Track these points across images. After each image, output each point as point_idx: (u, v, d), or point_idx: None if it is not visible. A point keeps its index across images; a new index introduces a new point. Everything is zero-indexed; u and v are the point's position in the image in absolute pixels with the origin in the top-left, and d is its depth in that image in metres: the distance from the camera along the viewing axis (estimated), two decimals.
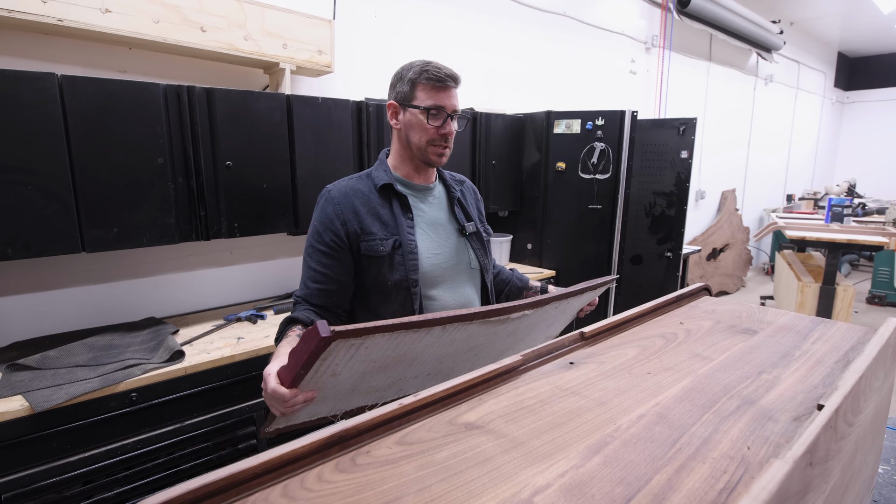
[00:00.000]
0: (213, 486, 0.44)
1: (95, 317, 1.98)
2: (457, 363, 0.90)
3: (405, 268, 1.21)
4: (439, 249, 1.28)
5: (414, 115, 1.22)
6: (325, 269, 1.20)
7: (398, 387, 0.88)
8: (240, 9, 1.92)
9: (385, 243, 1.20)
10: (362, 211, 1.22)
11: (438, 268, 1.26)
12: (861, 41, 8.02)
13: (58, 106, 1.51)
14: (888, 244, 3.93)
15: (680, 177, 3.38)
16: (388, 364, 0.78)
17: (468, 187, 1.47)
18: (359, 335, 0.66)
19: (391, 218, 1.23)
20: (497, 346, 0.95)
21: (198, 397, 1.67)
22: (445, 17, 3.03)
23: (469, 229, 1.33)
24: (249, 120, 1.91)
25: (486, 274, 1.37)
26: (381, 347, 0.72)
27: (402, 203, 1.25)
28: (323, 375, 0.75)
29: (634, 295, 3.14)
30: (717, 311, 1.03)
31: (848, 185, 7.39)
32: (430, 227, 1.29)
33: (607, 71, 4.34)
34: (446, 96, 1.21)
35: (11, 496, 1.36)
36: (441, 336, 0.78)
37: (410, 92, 1.22)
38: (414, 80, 1.21)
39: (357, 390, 0.83)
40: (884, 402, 0.83)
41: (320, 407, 0.87)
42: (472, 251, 1.34)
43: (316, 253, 1.21)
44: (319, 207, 1.25)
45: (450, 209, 1.35)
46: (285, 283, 2.52)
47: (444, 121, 1.22)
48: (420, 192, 1.31)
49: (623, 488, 0.47)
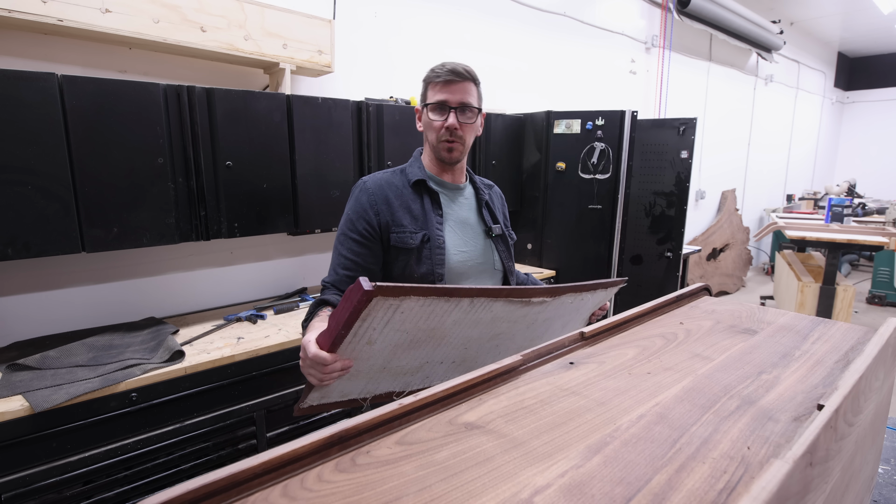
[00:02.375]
0: (213, 486, 0.44)
1: (95, 317, 1.98)
2: (479, 352, 0.94)
3: (432, 262, 1.24)
4: (466, 247, 1.31)
5: (426, 114, 1.28)
6: (356, 256, 1.24)
7: (425, 373, 0.93)
8: (240, 9, 1.92)
9: (414, 236, 1.24)
10: (395, 203, 1.26)
11: (464, 265, 1.30)
12: (861, 41, 8.02)
13: (58, 106, 1.51)
14: (888, 244, 3.93)
15: (680, 177, 3.38)
16: (420, 339, 0.83)
17: (496, 192, 1.51)
18: (397, 294, 0.71)
19: (421, 213, 1.27)
20: (517, 338, 0.99)
21: (198, 397, 1.67)
22: (445, 17, 3.03)
23: (495, 231, 1.37)
24: (249, 120, 1.91)
25: (509, 276, 1.40)
26: (414, 315, 0.77)
27: (433, 199, 1.29)
28: (360, 342, 0.79)
29: (634, 295, 3.14)
30: (717, 311, 1.03)
31: (848, 185, 7.39)
32: (458, 225, 1.32)
33: (607, 71, 4.34)
34: (449, 90, 1.24)
35: (11, 496, 1.36)
36: (469, 312, 0.83)
37: (424, 93, 1.29)
38: (426, 81, 1.28)
39: (388, 369, 0.88)
40: (884, 402, 0.83)
41: (353, 385, 0.91)
42: (496, 253, 1.37)
43: (347, 241, 1.25)
44: (354, 197, 1.28)
45: (478, 210, 1.39)
46: (285, 283, 2.52)
47: (446, 115, 1.25)
48: (451, 191, 1.35)
49: (623, 488, 0.47)
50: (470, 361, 0.95)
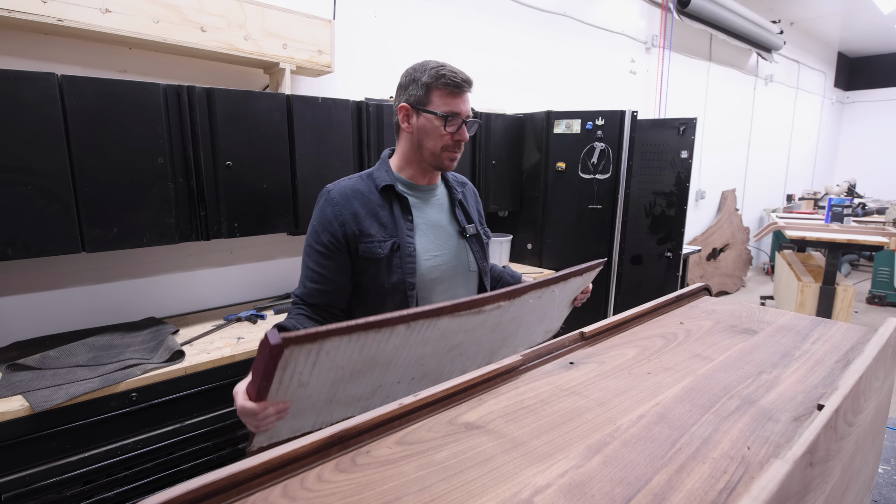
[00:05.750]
0: (213, 486, 0.44)
1: (95, 317, 1.98)
2: (441, 364, 0.87)
3: (402, 270, 1.21)
4: (438, 251, 1.27)
5: (429, 120, 1.20)
6: (322, 269, 1.21)
7: (383, 394, 0.86)
8: (240, 9, 1.92)
9: (383, 245, 1.20)
10: (361, 213, 1.21)
11: (437, 269, 1.26)
12: (861, 41, 8.02)
13: (58, 106, 1.51)
14: (888, 244, 3.93)
15: (680, 177, 3.38)
16: (361, 369, 0.76)
17: (469, 189, 1.46)
18: (312, 340, 0.64)
19: (390, 220, 1.23)
20: (483, 343, 0.92)
21: (198, 397, 1.67)
22: (445, 17, 3.03)
23: (469, 231, 1.33)
24: (249, 120, 1.91)
25: (484, 276, 1.37)
26: (343, 352, 0.70)
27: (402, 205, 1.25)
28: (290, 385, 0.72)
29: (634, 295, 3.14)
30: (717, 311, 1.03)
31: (848, 185, 7.39)
32: (430, 228, 1.28)
33: (607, 71, 4.34)
34: (461, 101, 1.20)
35: (11, 496, 1.36)
36: (409, 336, 0.75)
37: (425, 96, 1.19)
38: (429, 84, 1.18)
39: (336, 400, 0.81)
40: (884, 402, 0.83)
41: (301, 421, 0.84)
42: (471, 253, 1.34)
43: (314, 253, 1.22)
44: (319, 207, 1.24)
45: (451, 211, 1.34)
46: (285, 283, 2.52)
47: (459, 127, 1.21)
48: (422, 193, 1.31)
49: (623, 488, 0.47)
50: (433, 374, 0.87)
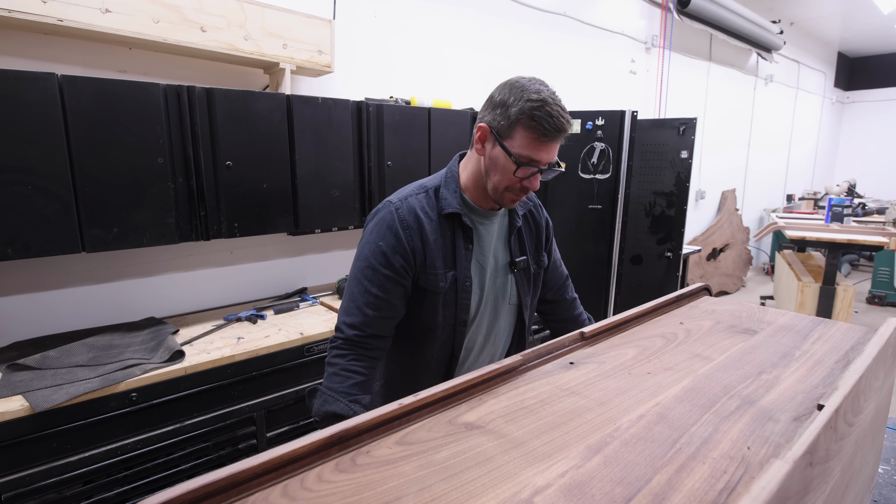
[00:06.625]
0: (213, 486, 0.44)
1: (95, 317, 1.98)
2: None
3: (456, 306, 1.14)
4: (486, 283, 1.20)
5: (503, 155, 1.05)
6: (388, 295, 1.08)
7: None
8: (240, 9, 1.92)
9: (446, 277, 1.12)
10: (429, 240, 1.11)
11: (482, 304, 1.20)
12: (861, 41, 8.01)
13: (58, 106, 1.51)
14: (888, 244, 3.92)
15: (680, 177, 3.38)
16: None
17: (537, 214, 1.31)
18: None
19: (451, 250, 1.13)
20: None
21: (198, 397, 1.67)
22: (445, 17, 3.02)
23: (520, 265, 1.23)
24: (249, 120, 1.91)
25: (524, 310, 1.27)
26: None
27: (465, 234, 1.14)
28: None
29: (634, 295, 3.14)
30: (717, 311, 1.03)
31: (848, 185, 7.39)
32: (483, 258, 1.19)
33: (607, 71, 4.34)
34: (545, 150, 1.04)
35: (11, 496, 1.36)
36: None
37: (508, 129, 1.03)
38: (517, 118, 1.02)
39: None
40: (884, 402, 0.83)
41: None
42: (514, 286, 1.24)
43: (378, 276, 1.07)
44: (385, 225, 1.09)
45: (507, 239, 1.23)
46: (285, 283, 2.52)
47: (531, 174, 1.06)
48: (484, 219, 1.19)
49: (623, 488, 0.47)
50: None
